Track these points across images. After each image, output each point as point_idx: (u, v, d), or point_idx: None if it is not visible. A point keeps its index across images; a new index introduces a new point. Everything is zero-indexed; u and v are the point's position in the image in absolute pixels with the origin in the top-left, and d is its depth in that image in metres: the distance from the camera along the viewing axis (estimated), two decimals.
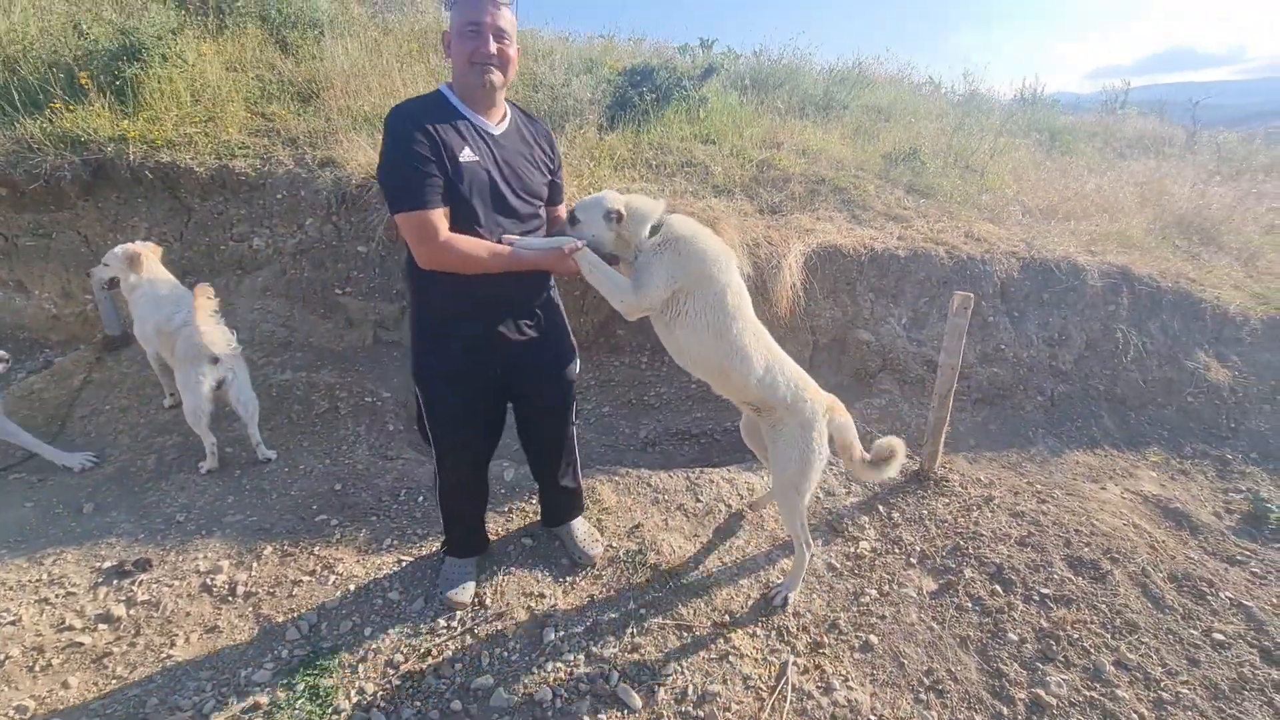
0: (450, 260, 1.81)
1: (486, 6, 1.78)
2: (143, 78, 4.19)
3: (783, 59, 7.43)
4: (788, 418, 2.19)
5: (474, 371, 2.06)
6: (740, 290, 2.08)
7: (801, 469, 2.21)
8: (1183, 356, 4.09)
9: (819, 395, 2.24)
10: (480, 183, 1.84)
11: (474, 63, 1.80)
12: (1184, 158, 7.65)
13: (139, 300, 3.18)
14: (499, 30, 1.80)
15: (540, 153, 2.04)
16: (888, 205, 4.43)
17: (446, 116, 1.82)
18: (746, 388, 2.13)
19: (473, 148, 1.82)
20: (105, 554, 2.56)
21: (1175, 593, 2.58)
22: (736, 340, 2.04)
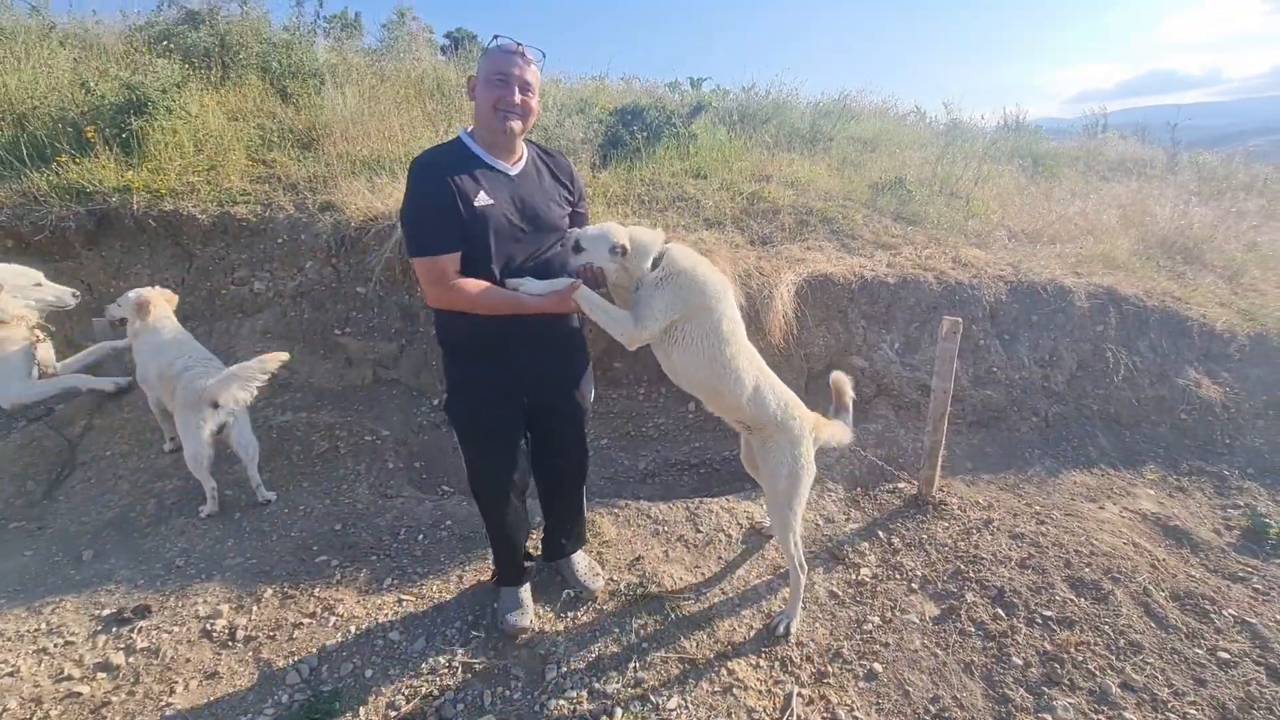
0: (458, 302, 1.92)
1: (516, 60, 1.91)
2: (148, 130, 4.31)
3: (769, 94, 7.65)
4: (777, 434, 2.28)
5: (501, 403, 2.15)
6: (735, 317, 2.17)
7: (792, 482, 2.29)
8: (1173, 374, 4.13)
9: (806, 413, 2.35)
10: (498, 224, 1.94)
11: (498, 109, 1.91)
12: (1165, 179, 7.81)
13: (142, 345, 3.22)
14: (524, 83, 1.92)
15: (560, 187, 2.13)
16: (876, 233, 4.52)
17: (464, 162, 1.94)
18: (739, 406, 2.22)
19: (488, 191, 1.92)
20: (104, 601, 2.55)
21: (1178, 611, 2.58)
22: (730, 363, 2.13)
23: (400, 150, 4.73)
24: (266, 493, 3.16)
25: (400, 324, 3.93)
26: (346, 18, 8.27)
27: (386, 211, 3.94)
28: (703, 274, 2.09)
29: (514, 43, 1.93)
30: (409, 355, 3.92)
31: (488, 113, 1.92)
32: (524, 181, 2.03)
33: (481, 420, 2.16)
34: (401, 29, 8.37)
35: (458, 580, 2.69)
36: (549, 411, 2.27)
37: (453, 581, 2.68)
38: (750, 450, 2.55)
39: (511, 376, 2.11)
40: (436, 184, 1.87)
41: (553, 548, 2.64)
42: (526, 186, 2.02)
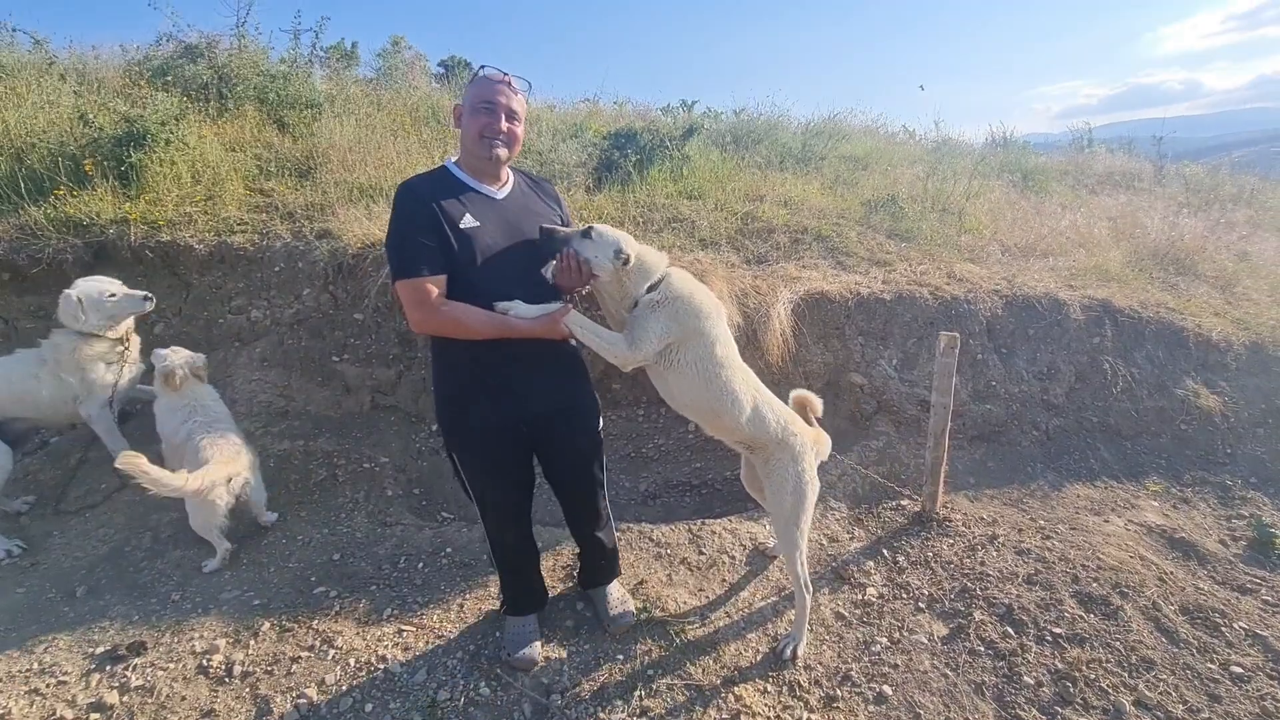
0: (443, 325, 1.91)
1: (502, 89, 1.93)
2: (146, 162, 4.34)
3: (761, 116, 7.76)
4: (779, 452, 2.27)
5: (500, 430, 2.10)
6: (728, 340, 2.18)
7: (797, 499, 2.27)
8: (1172, 385, 4.14)
9: (805, 429, 2.36)
10: (484, 246, 1.93)
11: (484, 137, 1.93)
12: (1153, 191, 7.90)
13: (158, 407, 3.13)
14: (511, 111, 1.94)
15: (548, 210, 2.15)
16: (870, 250, 4.55)
17: (449, 188, 1.96)
18: (738, 428, 2.21)
19: (474, 214, 1.93)
20: (98, 639, 2.50)
21: (1189, 626, 2.55)
22: (726, 385, 2.13)
23: (396, 177, 4.76)
24: (269, 515, 3.12)
25: (398, 350, 3.93)
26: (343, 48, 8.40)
27: (384, 238, 3.95)
28: (699, 300, 2.10)
29: (500, 72, 1.95)
30: (407, 381, 3.90)
31: (474, 140, 1.94)
32: (510, 204, 2.04)
33: (480, 451, 2.12)
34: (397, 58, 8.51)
35: (459, 609, 2.65)
36: (551, 440, 2.22)
37: (454, 611, 2.64)
38: (752, 471, 2.54)
39: (509, 405, 2.07)
40: (419, 206, 1.88)
41: (583, 575, 2.62)
42: (513, 209, 2.03)
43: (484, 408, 2.06)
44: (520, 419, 2.10)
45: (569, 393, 2.21)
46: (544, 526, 3.06)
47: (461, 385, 2.06)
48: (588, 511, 2.42)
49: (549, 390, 2.13)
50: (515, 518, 2.30)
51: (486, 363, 2.01)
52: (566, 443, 2.25)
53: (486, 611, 2.62)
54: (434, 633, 2.52)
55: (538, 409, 2.11)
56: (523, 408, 2.09)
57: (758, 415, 2.20)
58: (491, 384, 2.04)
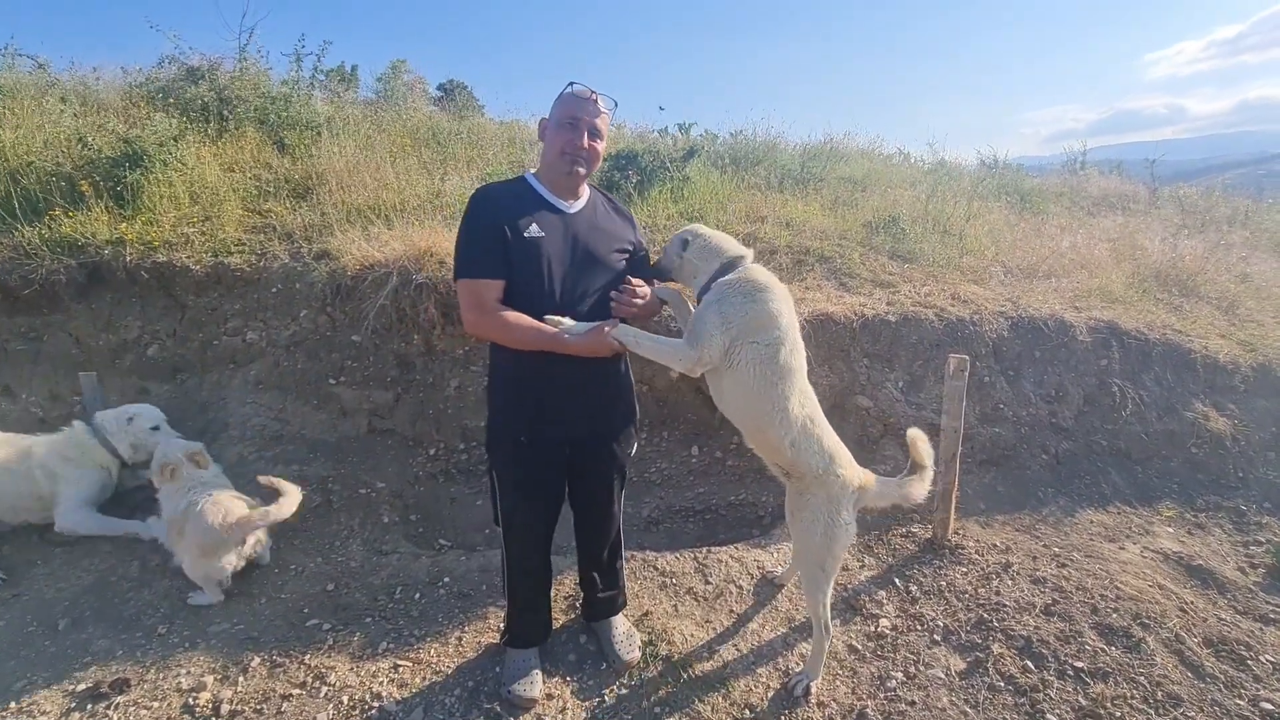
0: (493, 329, 1.93)
1: (588, 106, 1.95)
2: (143, 182, 4.30)
3: (759, 137, 7.80)
4: (815, 488, 2.14)
5: (541, 448, 2.09)
6: (798, 348, 2.03)
7: (826, 544, 2.16)
8: (1181, 407, 4.09)
9: (853, 471, 2.19)
10: (550, 255, 1.95)
11: (565, 153, 1.94)
12: (1149, 213, 7.94)
13: (160, 494, 2.97)
14: (593, 128, 1.96)
15: (621, 229, 2.13)
16: (873, 272, 4.52)
17: (522, 198, 1.99)
18: (781, 449, 2.06)
19: (541, 224, 1.95)
20: (79, 675, 2.39)
21: (1214, 659, 2.46)
22: (782, 397, 1.98)
23: (396, 198, 4.73)
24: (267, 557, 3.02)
25: (396, 373, 3.86)
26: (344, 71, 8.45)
27: (383, 259, 3.90)
28: (772, 289, 1.98)
29: (588, 90, 1.96)
30: (405, 404, 3.83)
31: (555, 156, 1.97)
32: (581, 220, 2.04)
33: (519, 467, 2.11)
34: (397, 81, 8.56)
35: (457, 642, 2.55)
36: (587, 464, 2.21)
37: (452, 644, 2.54)
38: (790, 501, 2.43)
39: (554, 424, 2.06)
40: (487, 211, 1.93)
41: (588, 607, 2.54)
42: (583, 225, 2.03)
43: (529, 424, 2.06)
44: (563, 439, 2.10)
45: (612, 418, 2.20)
46: None
47: (510, 399, 2.07)
48: (606, 540, 2.39)
49: (594, 414, 2.12)
50: (540, 542, 2.27)
51: (536, 380, 2.01)
52: (601, 468, 2.24)
53: (486, 645, 2.52)
54: (431, 668, 2.42)
55: (581, 431, 2.11)
56: (566, 428, 2.09)
57: (804, 440, 2.05)
58: (539, 402, 2.04)
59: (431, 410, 3.82)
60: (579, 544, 2.44)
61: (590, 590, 2.50)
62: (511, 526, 2.22)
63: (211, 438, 3.66)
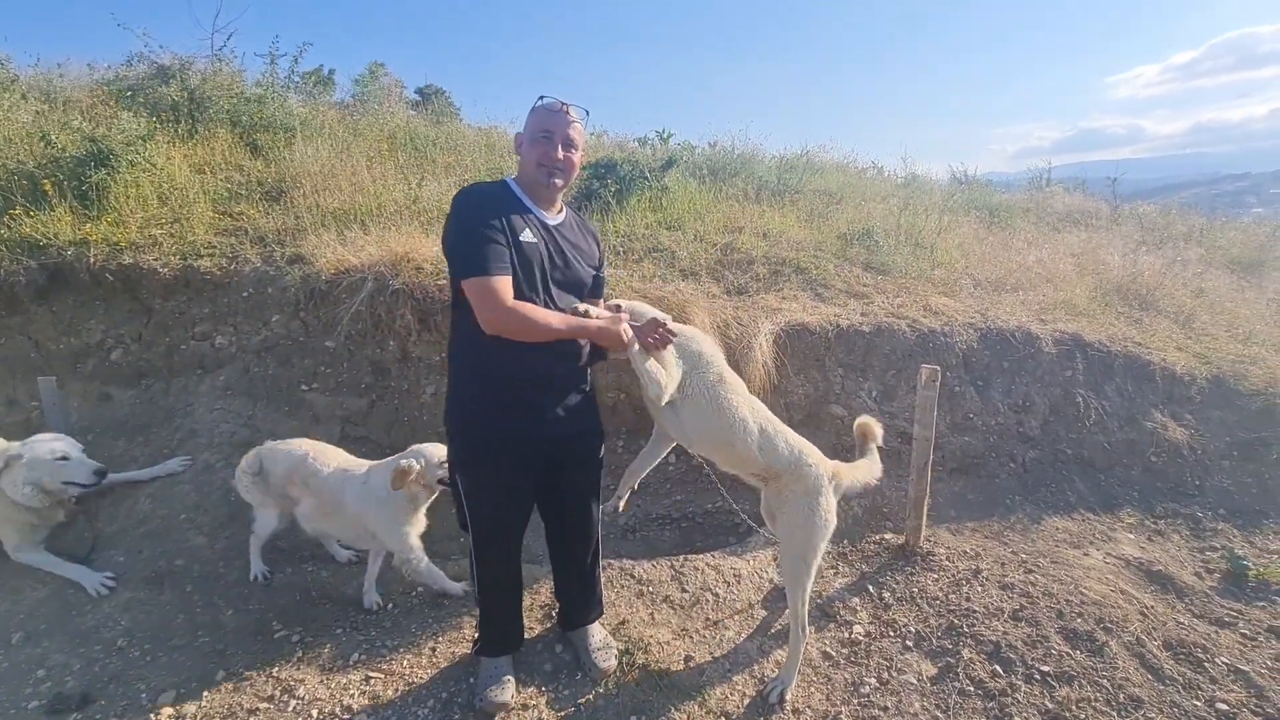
0: (514, 323, 1.88)
1: (561, 118, 1.96)
2: (109, 182, 4.19)
3: (736, 149, 7.89)
4: (793, 483, 2.28)
5: (515, 449, 2.07)
6: (731, 373, 2.33)
7: (808, 535, 2.26)
8: (1141, 417, 4.23)
9: (824, 461, 2.36)
10: (538, 264, 1.96)
11: (542, 166, 1.96)
12: (1110, 229, 8.21)
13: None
14: (568, 139, 1.97)
15: (590, 248, 2.18)
16: (848, 283, 4.60)
17: (510, 202, 1.99)
18: (751, 456, 2.24)
19: (533, 231, 1.96)
20: (32, 692, 2.31)
21: (1173, 661, 2.54)
22: (735, 410, 2.22)
23: (372, 202, 4.68)
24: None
25: (370, 379, 3.80)
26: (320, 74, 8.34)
27: (358, 264, 3.85)
28: (697, 334, 2.37)
29: (559, 102, 1.98)
30: (379, 411, 3.77)
31: (532, 168, 1.98)
32: (562, 233, 2.07)
33: (491, 470, 2.08)
34: (374, 84, 8.47)
35: (431, 653, 2.51)
36: (563, 465, 2.20)
37: (425, 654, 2.50)
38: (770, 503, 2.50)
39: (528, 423, 2.06)
40: (488, 207, 1.92)
41: (564, 616, 2.52)
42: (564, 238, 2.06)
43: (502, 425, 2.04)
44: (539, 438, 2.09)
45: (582, 417, 2.19)
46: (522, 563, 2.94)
47: (481, 402, 2.04)
48: (583, 543, 2.37)
49: (565, 413, 2.11)
50: (511, 549, 2.25)
51: (507, 381, 2.01)
52: (576, 469, 2.25)
53: (460, 655, 2.49)
54: (404, 679, 2.38)
55: (554, 431, 2.10)
56: (541, 428, 2.07)
57: (767, 440, 2.24)
58: (511, 402, 2.03)
59: (406, 417, 3.77)
60: (555, 554, 2.41)
61: (566, 599, 2.49)
62: (480, 533, 2.19)
63: (178, 444, 3.57)
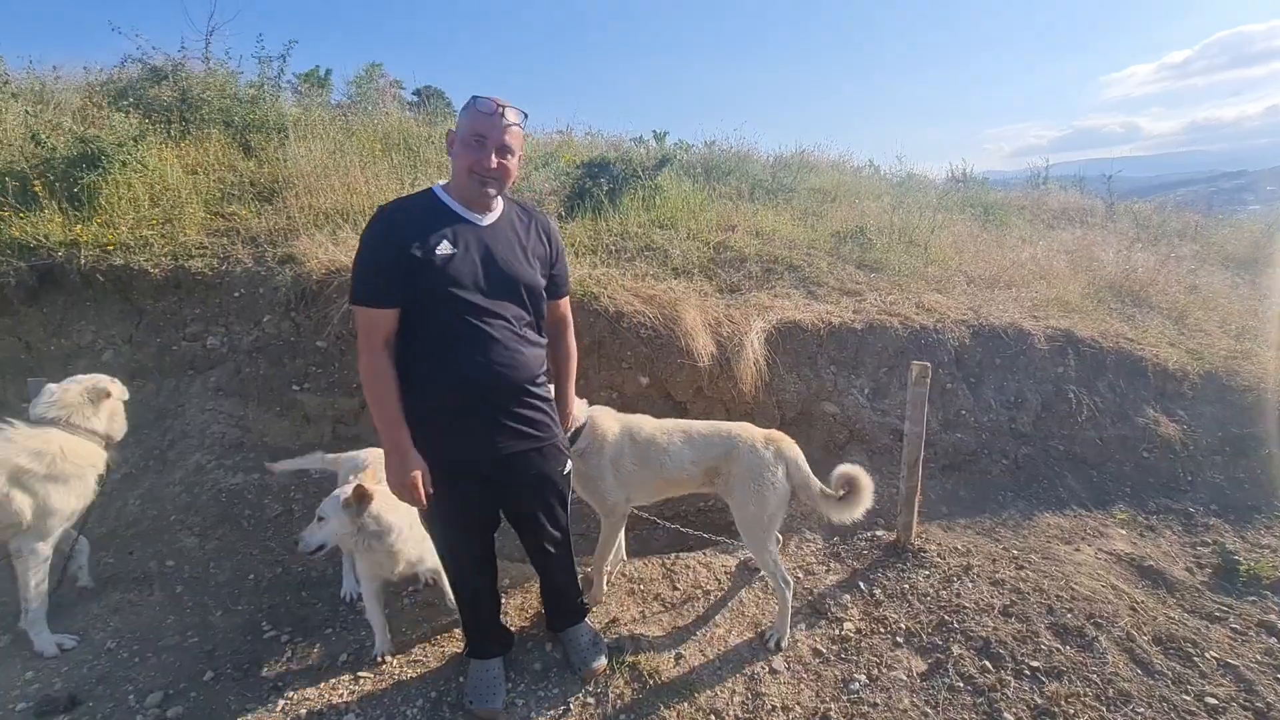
0: (365, 369, 1.86)
1: (495, 122, 1.82)
2: (100, 184, 4.19)
3: (731, 148, 7.89)
4: (732, 467, 2.46)
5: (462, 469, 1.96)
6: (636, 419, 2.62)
7: (760, 504, 2.44)
8: (1133, 413, 4.23)
9: (752, 431, 2.54)
10: (460, 273, 1.84)
11: (474, 173, 1.84)
12: (1106, 226, 8.22)
13: None
14: (502, 146, 1.84)
15: (535, 242, 2.02)
16: (840, 281, 4.60)
17: (430, 214, 1.88)
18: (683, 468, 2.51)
19: (453, 241, 1.84)
20: (20, 694, 2.30)
21: (1162, 656, 2.54)
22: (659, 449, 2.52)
23: (365, 202, 4.67)
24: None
25: None
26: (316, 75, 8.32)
27: (349, 264, 3.84)
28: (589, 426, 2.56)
29: (494, 103, 1.82)
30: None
31: (464, 175, 1.86)
32: (496, 233, 1.94)
33: (442, 490, 1.94)
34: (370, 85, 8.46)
35: (420, 652, 2.51)
36: (512, 483, 2.07)
37: (415, 654, 2.50)
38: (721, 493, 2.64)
39: (470, 444, 1.95)
40: (389, 234, 1.81)
41: (549, 618, 2.49)
42: (498, 238, 1.93)
43: (446, 445, 1.93)
44: (483, 459, 1.97)
45: (533, 436, 2.04)
46: (512, 562, 2.94)
47: (423, 422, 1.91)
48: (550, 558, 2.29)
49: (511, 431, 1.98)
50: (477, 564, 2.20)
51: (446, 400, 1.90)
52: (531, 487, 2.11)
53: (450, 654, 2.49)
54: (393, 679, 2.38)
55: (499, 450, 1.97)
56: (484, 448, 1.96)
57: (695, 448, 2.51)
58: (451, 422, 1.92)
59: None
60: (535, 564, 2.36)
61: (547, 604, 2.47)
62: (442, 547, 2.18)
63: (169, 445, 3.56)
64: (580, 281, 3.82)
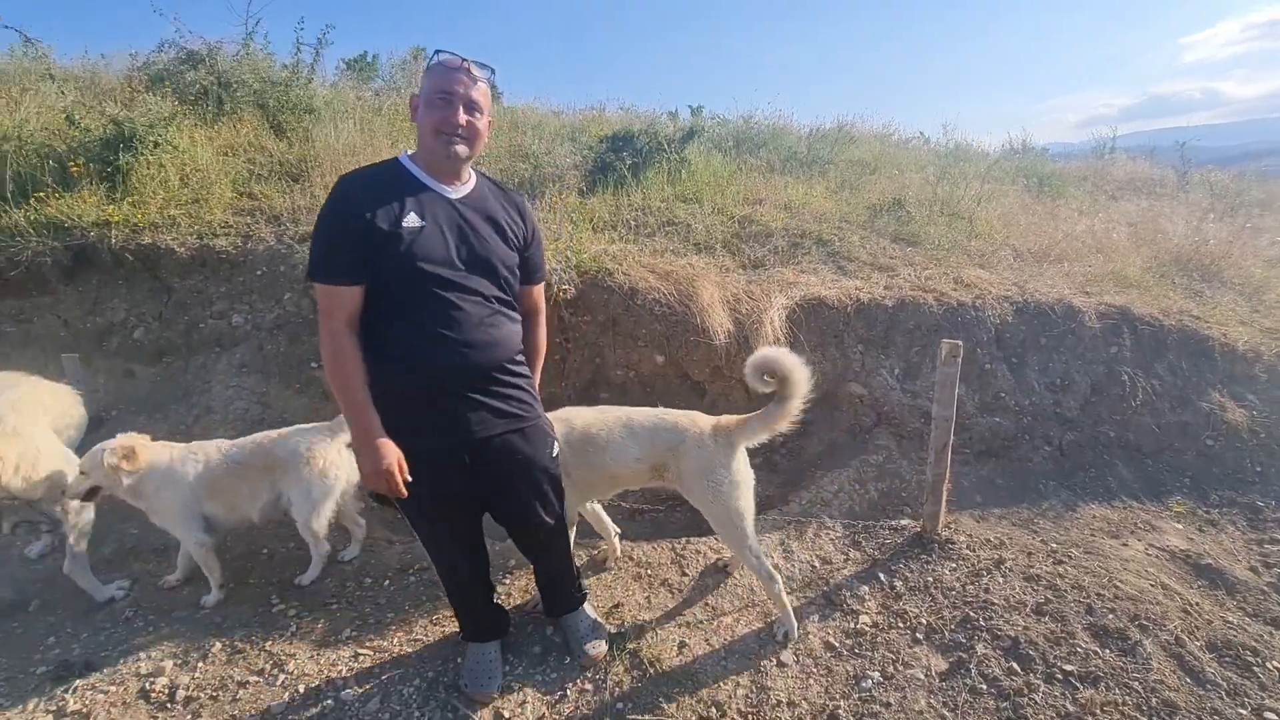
0: (325, 349, 1.73)
1: (460, 77, 1.70)
2: (132, 164, 4.28)
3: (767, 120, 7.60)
4: (680, 462, 2.28)
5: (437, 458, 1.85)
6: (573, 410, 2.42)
7: (723, 503, 2.26)
8: (1195, 397, 3.88)
9: (698, 421, 2.32)
10: (430, 246, 1.71)
11: (441, 132, 1.71)
12: (1176, 197, 7.61)
13: None
14: (470, 101, 1.72)
15: (509, 221, 1.89)
16: (873, 255, 4.36)
17: (394, 184, 1.74)
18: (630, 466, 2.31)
19: (420, 213, 1.71)
20: (41, 658, 2.38)
21: (1216, 664, 2.31)
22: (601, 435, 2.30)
23: None
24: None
25: None
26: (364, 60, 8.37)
27: None
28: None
29: (458, 58, 1.72)
30: None
31: (430, 136, 1.72)
32: (467, 206, 1.81)
33: (417, 480, 1.80)
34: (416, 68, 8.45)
35: (422, 630, 2.49)
36: (492, 471, 1.94)
37: (416, 632, 2.48)
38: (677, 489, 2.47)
39: (443, 431, 1.83)
40: (348, 207, 1.68)
41: (546, 606, 2.40)
42: (470, 212, 1.80)
43: (421, 430, 1.81)
44: (456, 445, 1.86)
45: (513, 416, 1.92)
46: None
47: (390, 409, 1.77)
48: (545, 548, 2.20)
49: (489, 411, 1.87)
50: (462, 554, 2.11)
51: (417, 381, 1.78)
52: (515, 471, 1.98)
53: (450, 634, 2.46)
54: (392, 657, 2.36)
55: (476, 433, 1.86)
56: (461, 431, 1.84)
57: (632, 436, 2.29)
58: (425, 405, 1.81)
59: None
60: (526, 553, 2.27)
61: (547, 592, 2.37)
62: (428, 542, 2.07)
63: (194, 421, 3.64)
64: (595, 257, 3.71)
